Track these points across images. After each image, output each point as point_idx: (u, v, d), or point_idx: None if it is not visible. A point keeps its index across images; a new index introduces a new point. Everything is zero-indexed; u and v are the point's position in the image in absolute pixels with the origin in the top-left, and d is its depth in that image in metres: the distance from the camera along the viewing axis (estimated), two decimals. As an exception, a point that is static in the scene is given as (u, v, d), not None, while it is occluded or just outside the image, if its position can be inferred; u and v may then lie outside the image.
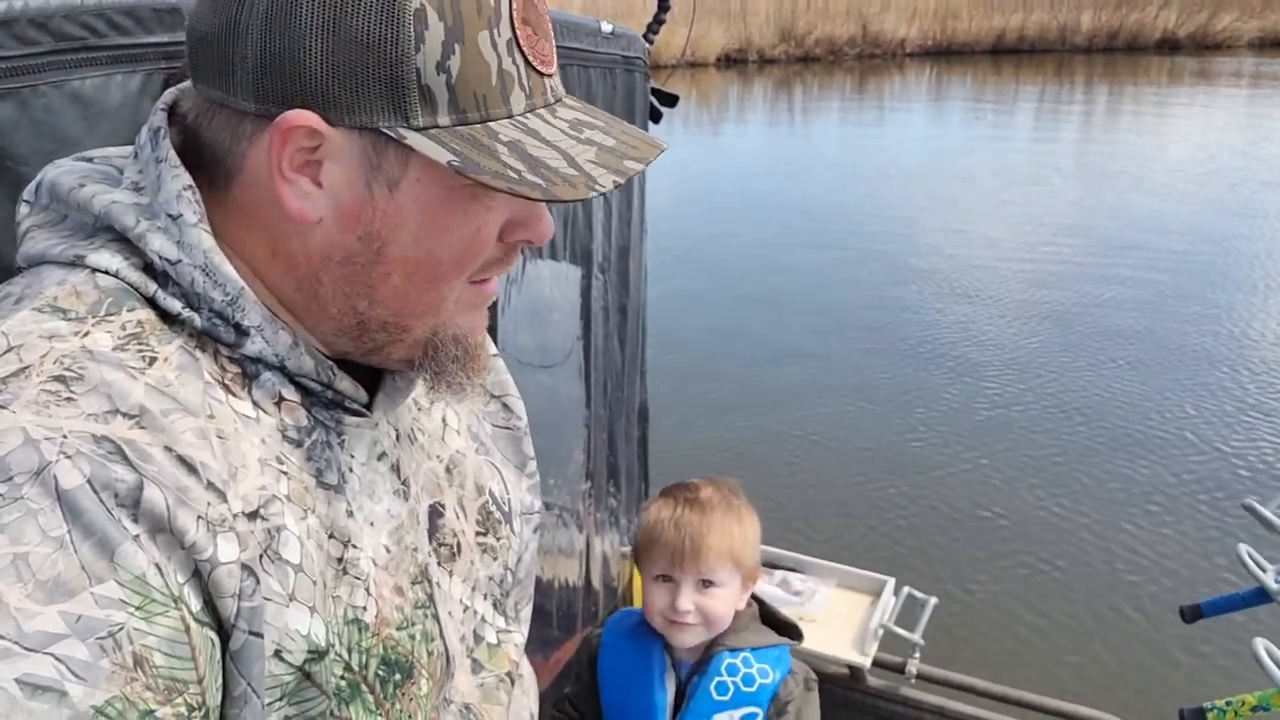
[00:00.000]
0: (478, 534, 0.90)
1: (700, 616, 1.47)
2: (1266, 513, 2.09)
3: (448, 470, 0.89)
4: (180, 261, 0.69)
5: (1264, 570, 2.02)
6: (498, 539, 0.93)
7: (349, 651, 0.72)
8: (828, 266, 8.49)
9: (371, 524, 0.76)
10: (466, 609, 0.88)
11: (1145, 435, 5.23)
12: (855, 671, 2.44)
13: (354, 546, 0.74)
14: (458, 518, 0.88)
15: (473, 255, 0.72)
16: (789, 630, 1.57)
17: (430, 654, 0.79)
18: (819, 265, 8.54)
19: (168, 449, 0.61)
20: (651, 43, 2.23)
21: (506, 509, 0.95)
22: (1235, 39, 25.57)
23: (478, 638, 0.90)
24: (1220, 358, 6.25)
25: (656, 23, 2.27)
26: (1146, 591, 3.85)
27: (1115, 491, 4.68)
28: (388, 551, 0.77)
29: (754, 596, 1.58)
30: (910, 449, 5.13)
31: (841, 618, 2.41)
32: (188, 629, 0.59)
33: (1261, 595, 2.02)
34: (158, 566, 0.58)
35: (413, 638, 0.77)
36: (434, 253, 0.71)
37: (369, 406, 0.78)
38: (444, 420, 0.91)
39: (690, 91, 19.90)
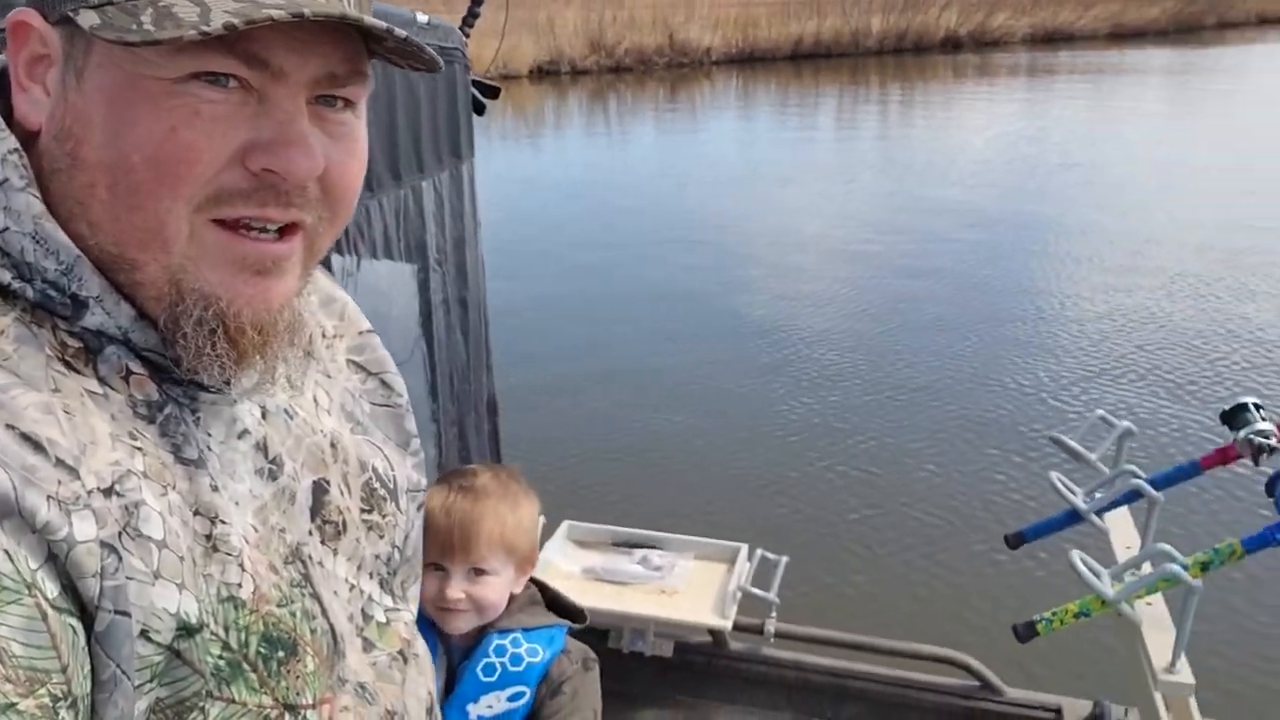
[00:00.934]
0: (363, 511, 0.87)
1: (471, 604, 1.45)
2: (1072, 443, 2.29)
3: (333, 446, 0.86)
4: (7, 229, 0.65)
5: (1074, 493, 2.21)
6: (383, 516, 0.90)
7: (226, 629, 0.69)
8: (670, 266, 8.67)
9: (236, 503, 0.73)
10: (353, 588, 0.85)
11: (962, 390, 5.65)
12: (717, 636, 2.52)
13: (222, 522, 0.71)
14: (342, 495, 0.85)
15: (176, 163, 0.63)
16: (573, 614, 1.56)
17: (313, 632, 0.77)
18: (660, 265, 8.72)
19: (9, 427, 0.58)
20: (467, 35, 2.24)
21: (391, 486, 0.92)
22: (1010, 35, 27.68)
23: (366, 616, 0.88)
24: (1025, 322, 6.80)
25: (471, 15, 2.29)
26: (974, 526, 4.17)
27: (938, 440, 5.05)
28: (255, 531, 0.75)
29: (536, 582, 1.57)
30: (748, 423, 5.34)
31: (701, 586, 2.48)
32: (44, 616, 0.56)
33: (1074, 516, 2.22)
34: (6, 553, 0.55)
35: (293, 615, 0.75)
36: (125, 154, 0.63)
37: (227, 382, 0.73)
38: (315, 400, 0.87)
39: (505, 105, 19.88)
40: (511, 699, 1.46)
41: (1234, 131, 13.88)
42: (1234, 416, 2.06)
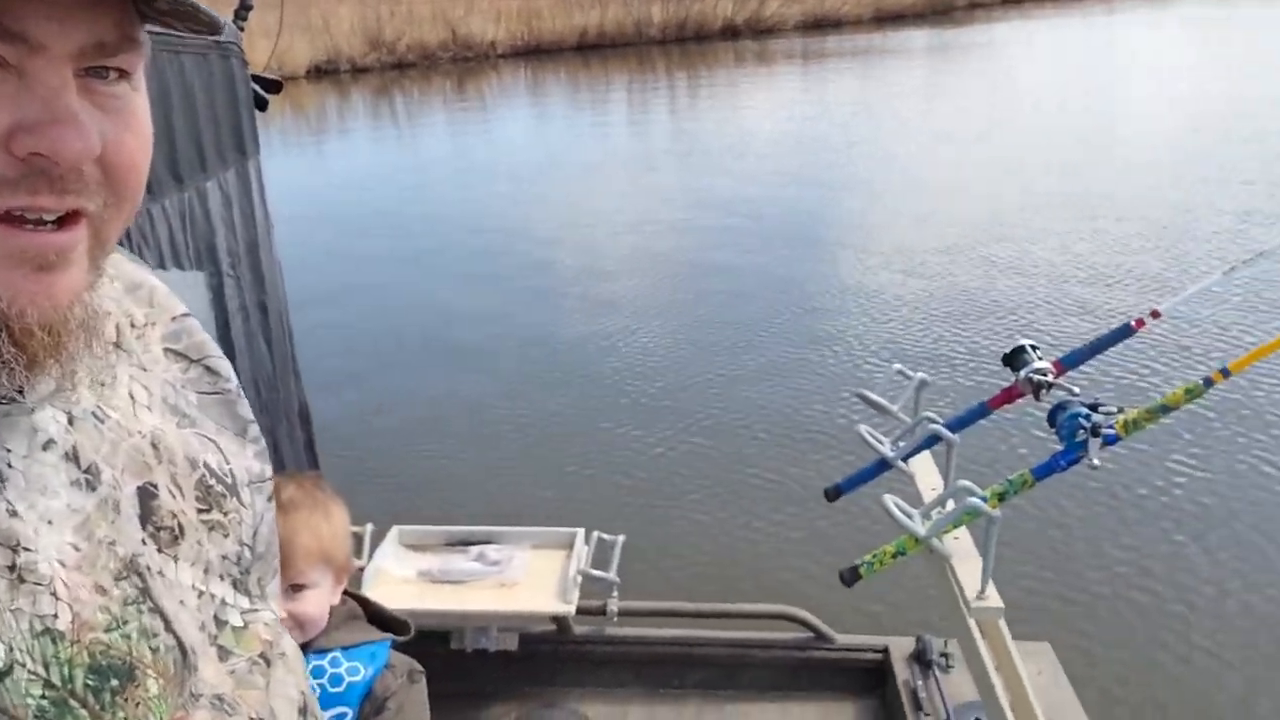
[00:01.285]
0: (200, 511, 0.81)
1: (293, 621, 1.41)
2: (875, 397, 2.43)
3: (154, 446, 0.79)
4: None
5: (882, 443, 2.35)
6: (225, 514, 0.83)
7: (45, 666, 0.63)
8: (483, 258, 8.57)
9: (49, 522, 0.66)
10: (201, 594, 0.79)
11: (778, 360, 5.88)
12: (561, 622, 2.52)
13: (25, 550, 0.64)
14: (173, 497, 0.78)
15: None
16: (396, 627, 1.53)
17: (155, 651, 0.70)
18: (477, 256, 8.59)
19: None
20: (242, 29, 2.13)
21: (230, 480, 0.85)
22: (783, 23, 28.88)
23: (220, 623, 0.81)
24: (828, 292, 7.14)
25: (244, 8, 2.18)
26: (799, 485, 4.37)
27: (759, 410, 5.25)
28: (76, 550, 0.68)
29: (357, 596, 1.55)
30: (571, 413, 5.37)
31: (541, 575, 2.47)
32: None
33: (883, 465, 2.35)
34: None
35: (128, 638, 0.69)
36: None
37: (20, 390, 0.66)
38: (131, 395, 0.80)
39: (285, 105, 19.02)
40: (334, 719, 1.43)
41: (992, 104, 15.05)
42: (1014, 359, 2.24)
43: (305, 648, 1.42)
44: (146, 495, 0.76)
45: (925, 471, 2.40)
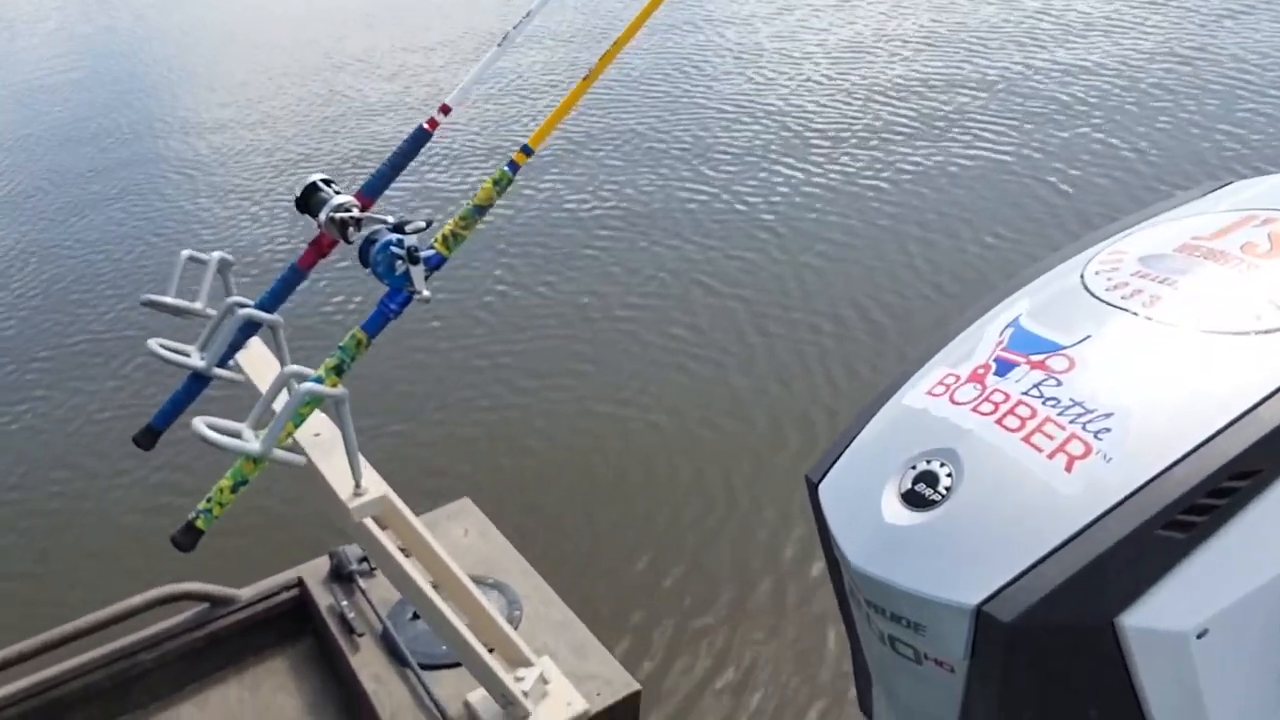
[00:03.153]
0: None
1: None
2: (168, 300, 1.88)
3: None
4: None
5: (188, 355, 1.83)
6: None
7: None
8: None
9: None
10: None
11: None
12: None
13: None
14: None
15: None
16: None
17: None
18: None
19: None
20: None
21: None
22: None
23: None
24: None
25: None
26: (104, 444, 3.60)
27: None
28: None
29: None
30: None
31: None
32: None
33: (199, 380, 1.85)
34: None
35: None
36: None
37: None
38: None
39: None
40: None
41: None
42: (308, 201, 1.82)
43: None
44: None
45: (258, 370, 1.95)
